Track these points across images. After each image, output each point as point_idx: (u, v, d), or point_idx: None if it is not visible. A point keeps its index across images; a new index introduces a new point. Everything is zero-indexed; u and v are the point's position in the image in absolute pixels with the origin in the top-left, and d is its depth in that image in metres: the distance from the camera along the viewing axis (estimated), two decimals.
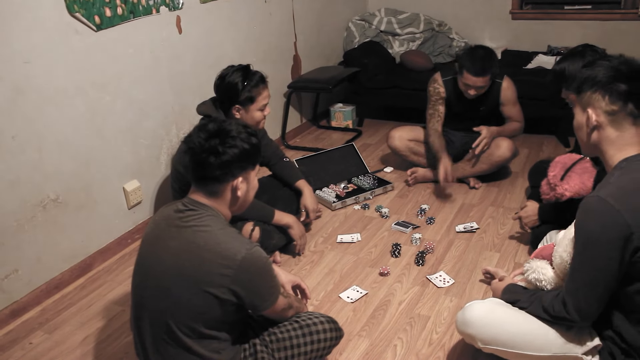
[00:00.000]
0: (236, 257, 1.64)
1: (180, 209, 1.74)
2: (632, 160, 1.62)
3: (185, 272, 1.66)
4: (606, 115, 1.65)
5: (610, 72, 1.64)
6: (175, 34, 3.23)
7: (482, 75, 3.21)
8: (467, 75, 3.23)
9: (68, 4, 2.59)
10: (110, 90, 2.88)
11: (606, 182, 1.63)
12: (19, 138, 2.47)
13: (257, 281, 1.70)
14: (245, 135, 1.73)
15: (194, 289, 1.65)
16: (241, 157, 1.70)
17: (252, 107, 2.65)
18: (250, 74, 2.64)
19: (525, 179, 3.46)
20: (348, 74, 4.37)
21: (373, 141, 4.37)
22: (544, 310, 1.73)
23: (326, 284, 2.65)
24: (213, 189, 1.73)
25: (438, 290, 2.56)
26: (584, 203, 1.61)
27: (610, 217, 1.54)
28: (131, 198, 3.06)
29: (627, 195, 1.56)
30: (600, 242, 1.56)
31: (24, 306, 2.58)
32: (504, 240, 2.91)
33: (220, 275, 1.64)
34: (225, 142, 1.68)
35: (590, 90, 1.66)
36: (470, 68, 3.20)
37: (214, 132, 1.70)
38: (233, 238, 1.70)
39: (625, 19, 4.49)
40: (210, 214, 1.72)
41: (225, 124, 1.74)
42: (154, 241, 1.77)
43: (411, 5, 5.12)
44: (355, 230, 3.09)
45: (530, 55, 4.66)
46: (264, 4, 3.96)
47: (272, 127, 4.25)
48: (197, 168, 1.71)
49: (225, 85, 2.62)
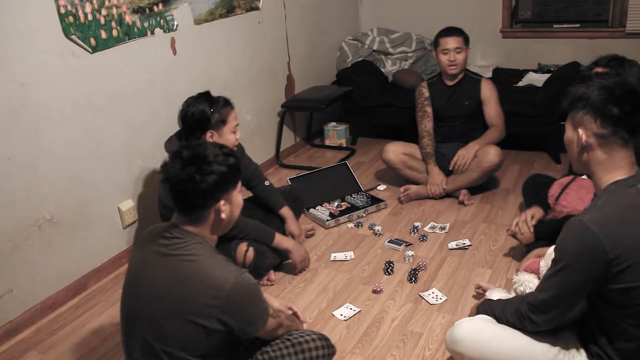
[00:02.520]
0: (224, 286, 1.61)
1: (166, 236, 1.70)
2: (620, 184, 1.62)
3: (173, 303, 1.63)
4: (596, 138, 1.62)
5: (604, 94, 1.61)
6: (170, 55, 3.28)
7: (454, 35, 3.52)
8: (441, 41, 3.54)
9: (64, 26, 2.63)
10: (106, 111, 2.91)
11: (593, 205, 1.64)
12: (15, 159, 2.50)
13: (245, 309, 1.68)
14: (222, 157, 1.68)
15: (183, 319, 1.62)
16: (221, 182, 1.66)
17: (225, 130, 2.62)
18: (214, 98, 2.63)
19: (517, 196, 3.50)
20: (341, 93, 4.42)
21: (366, 159, 4.41)
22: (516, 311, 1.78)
23: (320, 301, 2.67)
24: (196, 217, 1.69)
25: (431, 307, 2.58)
26: (569, 222, 1.63)
27: (590, 242, 1.55)
28: (126, 218, 3.08)
29: (610, 221, 1.56)
30: (575, 264, 1.59)
31: (18, 326, 2.59)
32: (496, 257, 2.94)
33: (209, 306, 1.61)
34: (203, 169, 1.63)
35: (583, 111, 1.64)
36: (443, 31, 3.56)
37: (189, 159, 1.64)
38: (221, 267, 1.66)
39: (613, 37, 4.58)
40: (197, 241, 1.69)
41: (200, 149, 1.67)
42: (141, 270, 1.73)
43: (403, 25, 5.20)
44: (348, 248, 3.12)
45: (521, 73, 4.73)
46: (258, 25, 4.02)
47: (267, 146, 4.29)
48: (177, 198, 1.67)
49: (193, 114, 2.59)
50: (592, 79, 1.73)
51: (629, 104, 1.59)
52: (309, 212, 3.48)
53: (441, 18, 5.06)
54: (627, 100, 1.60)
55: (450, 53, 3.52)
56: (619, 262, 1.54)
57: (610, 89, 1.62)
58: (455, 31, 3.55)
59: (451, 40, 3.51)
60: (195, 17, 3.42)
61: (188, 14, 3.37)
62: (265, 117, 4.23)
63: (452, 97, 3.64)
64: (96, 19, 2.78)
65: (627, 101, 1.59)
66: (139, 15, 3.02)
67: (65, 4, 2.62)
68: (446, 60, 3.55)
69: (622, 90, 1.62)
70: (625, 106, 1.59)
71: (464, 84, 3.64)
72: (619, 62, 2.53)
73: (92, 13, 2.75)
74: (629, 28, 4.47)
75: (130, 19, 2.97)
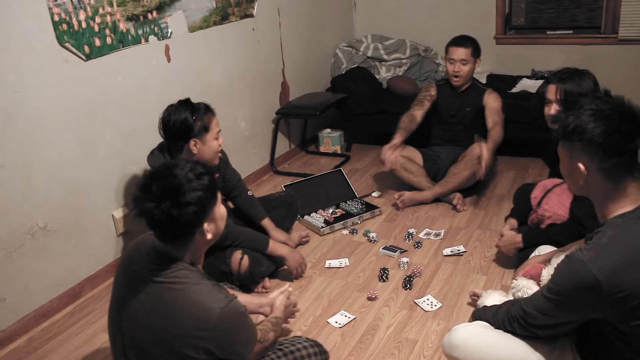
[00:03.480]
0: (210, 317, 1.56)
1: (151, 262, 1.63)
2: (627, 217, 1.54)
3: (158, 333, 1.59)
4: (600, 171, 1.54)
5: (602, 125, 1.51)
6: (164, 63, 3.28)
7: (462, 45, 3.51)
8: (450, 49, 3.55)
9: (58, 34, 2.63)
10: (100, 119, 2.91)
11: (597, 243, 1.53)
12: (8, 167, 2.49)
13: (232, 338, 1.63)
14: (195, 180, 1.56)
15: (167, 350, 1.59)
16: (200, 209, 1.56)
17: (208, 137, 2.59)
18: (195, 105, 2.59)
19: (512, 202, 3.50)
20: (336, 100, 4.43)
21: (361, 166, 4.41)
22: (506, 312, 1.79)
23: (314, 309, 2.66)
24: (180, 244, 1.62)
25: (426, 314, 2.57)
26: (570, 256, 1.56)
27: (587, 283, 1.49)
28: (120, 225, 3.07)
29: (613, 264, 1.48)
30: (567, 301, 1.57)
31: (11, 335, 2.57)
32: (490, 263, 2.94)
33: (194, 338, 1.56)
34: (178, 202, 1.52)
35: (581, 143, 1.54)
36: (453, 40, 3.56)
37: (162, 195, 1.52)
38: (207, 295, 1.59)
39: (606, 43, 4.60)
40: (182, 267, 1.62)
41: (170, 180, 1.55)
42: (126, 294, 1.68)
43: (397, 32, 5.21)
44: (343, 255, 3.11)
45: (514, 79, 4.74)
46: (252, 32, 4.03)
47: (261, 153, 4.28)
48: (157, 232, 1.60)
49: (175, 123, 2.55)
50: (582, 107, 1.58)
51: (629, 129, 1.51)
52: (303, 219, 3.48)
53: (435, 25, 5.11)
54: (627, 127, 1.51)
55: (456, 64, 3.55)
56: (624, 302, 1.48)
57: (607, 117, 1.52)
58: (464, 42, 3.54)
59: (458, 51, 3.52)
60: (189, 25, 3.43)
61: (182, 22, 3.37)
62: (259, 124, 4.23)
63: (456, 102, 3.70)
64: (90, 27, 2.78)
65: (627, 128, 1.51)
66: (133, 22, 3.02)
67: (59, 11, 2.62)
68: (451, 70, 3.59)
69: (619, 116, 1.52)
70: (625, 133, 1.50)
71: (469, 91, 3.70)
72: (569, 75, 2.59)
73: (86, 21, 2.75)
74: (622, 34, 4.49)
75: (125, 26, 2.97)
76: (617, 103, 1.57)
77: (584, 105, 1.58)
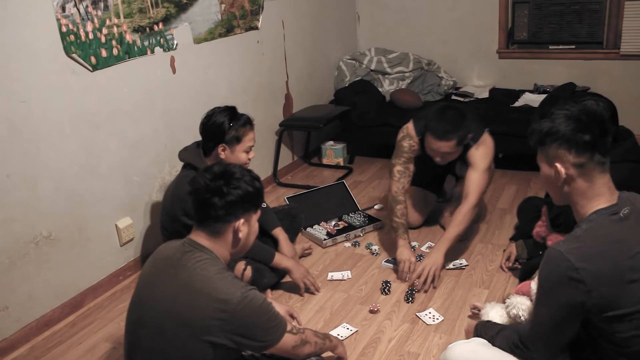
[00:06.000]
0: (231, 301, 1.65)
1: (180, 250, 1.76)
2: (601, 213, 1.64)
3: (181, 316, 1.66)
4: (576, 168, 1.64)
5: (572, 124, 1.63)
6: (170, 74, 3.30)
7: (444, 139, 2.82)
8: (430, 139, 2.88)
9: (65, 45, 2.65)
10: (105, 129, 2.93)
11: (573, 235, 1.65)
12: (14, 176, 2.51)
13: (253, 323, 1.70)
14: (249, 178, 1.78)
15: (189, 334, 1.65)
16: (244, 199, 1.74)
17: (238, 148, 2.65)
18: (237, 114, 2.68)
19: (514, 216, 3.50)
20: (339, 112, 4.45)
21: (364, 178, 4.42)
22: (508, 341, 1.80)
23: (316, 321, 2.67)
24: (215, 229, 1.75)
25: (428, 327, 2.57)
26: (548, 251, 1.65)
27: (566, 270, 1.58)
28: (123, 235, 3.08)
29: (587, 252, 1.59)
30: (553, 292, 1.62)
31: (13, 344, 2.57)
32: (493, 277, 2.94)
33: (216, 320, 1.64)
34: (230, 183, 1.73)
35: (554, 145, 1.66)
36: (434, 129, 2.85)
37: (219, 173, 1.75)
38: (229, 282, 1.70)
39: (608, 59, 4.62)
40: (209, 256, 1.73)
41: (230, 167, 1.79)
42: (151, 280, 1.77)
43: (401, 45, 5.24)
44: (345, 268, 3.12)
45: (517, 93, 4.76)
46: (257, 44, 4.05)
47: (264, 164, 4.30)
48: (201, 208, 1.74)
49: (212, 124, 2.64)
50: (554, 114, 1.71)
51: (597, 127, 1.63)
52: (306, 231, 3.49)
53: (438, 38, 5.14)
54: (595, 124, 1.63)
55: (437, 155, 2.95)
56: (597, 293, 1.56)
57: (576, 117, 1.64)
58: (445, 135, 2.82)
59: (442, 146, 2.86)
60: (194, 37, 3.45)
61: (188, 33, 3.40)
62: (263, 136, 4.25)
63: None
64: (97, 38, 2.80)
65: (595, 125, 1.63)
66: (139, 34, 3.05)
67: (67, 22, 2.65)
68: (435, 158, 2.98)
69: (587, 115, 1.65)
70: (594, 130, 1.62)
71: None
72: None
73: (93, 32, 2.78)
74: (624, 50, 4.52)
75: (131, 37, 3.00)
76: (586, 106, 1.70)
77: (555, 112, 1.70)
